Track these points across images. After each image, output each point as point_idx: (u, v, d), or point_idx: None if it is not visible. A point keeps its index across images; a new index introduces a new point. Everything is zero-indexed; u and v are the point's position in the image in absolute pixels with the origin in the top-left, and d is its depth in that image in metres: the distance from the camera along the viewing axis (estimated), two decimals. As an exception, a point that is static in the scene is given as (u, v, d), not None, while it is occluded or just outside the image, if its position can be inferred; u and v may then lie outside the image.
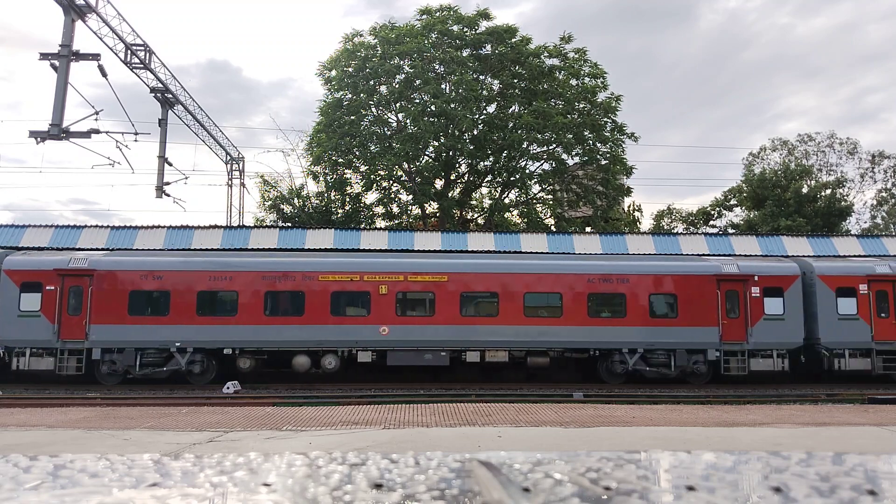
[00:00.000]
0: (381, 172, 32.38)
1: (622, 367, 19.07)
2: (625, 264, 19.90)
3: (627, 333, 19.08)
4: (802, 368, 19.96)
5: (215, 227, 24.22)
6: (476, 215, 35.82)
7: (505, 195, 34.44)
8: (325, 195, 33.89)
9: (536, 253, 22.50)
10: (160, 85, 25.82)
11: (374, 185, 33.10)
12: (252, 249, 22.28)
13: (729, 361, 19.12)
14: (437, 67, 31.46)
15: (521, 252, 22.85)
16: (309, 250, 22.11)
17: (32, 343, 18.18)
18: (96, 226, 23.73)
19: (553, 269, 19.52)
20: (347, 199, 33.78)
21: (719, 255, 22.15)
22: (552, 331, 19.06)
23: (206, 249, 21.87)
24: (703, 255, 22.38)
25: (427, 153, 32.27)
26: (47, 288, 18.23)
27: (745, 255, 22.83)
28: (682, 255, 22.74)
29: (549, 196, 34.90)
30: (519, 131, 31.00)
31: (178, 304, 18.42)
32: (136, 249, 21.72)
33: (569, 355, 19.36)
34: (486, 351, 18.94)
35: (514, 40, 31.79)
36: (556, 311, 19.22)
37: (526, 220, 33.60)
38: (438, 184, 32.66)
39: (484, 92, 31.38)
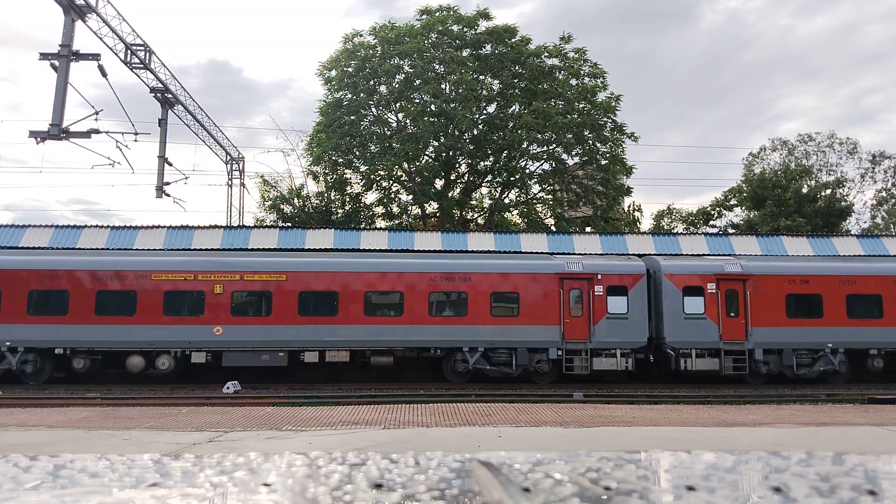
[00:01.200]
0: (381, 172, 32.38)
1: (464, 365, 18.89)
2: (467, 262, 19.74)
3: (468, 332, 18.89)
4: (651, 368, 19.78)
5: (215, 227, 24.22)
6: (476, 215, 35.82)
7: (505, 195, 34.45)
8: (325, 195, 33.89)
9: (378, 251, 22.10)
10: (160, 85, 25.82)
11: (374, 185, 33.12)
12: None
13: (573, 360, 18.93)
14: (436, 67, 31.46)
15: (361, 250, 22.45)
16: (142, 250, 21.54)
17: None
18: (96, 226, 23.73)
19: (394, 268, 19.32)
20: (347, 199, 33.78)
21: (565, 254, 21.70)
22: (393, 330, 18.85)
23: (38, 248, 21.48)
24: (553, 253, 21.92)
25: (427, 153, 32.27)
26: None
27: (592, 254, 22.46)
28: (525, 253, 22.31)
29: (549, 196, 34.89)
30: (519, 131, 31.00)
31: (9, 303, 18.24)
32: None
33: (412, 354, 19.17)
34: (327, 351, 18.75)
35: (513, 40, 31.80)
36: (397, 310, 19.02)
37: (526, 220, 33.60)
38: (438, 184, 32.65)
39: (484, 92, 31.38)
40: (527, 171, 32.72)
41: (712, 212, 43.23)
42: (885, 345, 19.52)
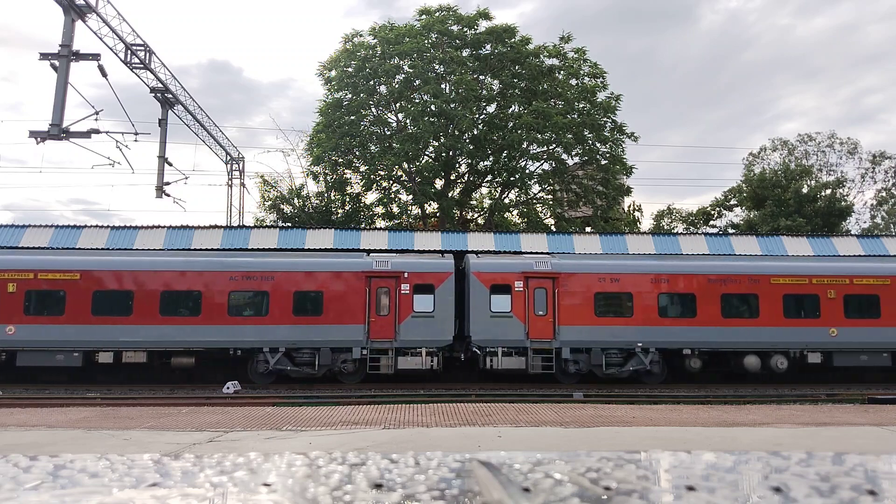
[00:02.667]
0: (381, 172, 32.38)
1: (265, 366, 18.65)
2: (269, 261, 19.40)
3: (269, 332, 18.61)
4: (462, 367, 19.61)
5: (215, 227, 24.21)
6: (476, 215, 35.82)
7: (505, 195, 34.46)
8: (325, 195, 33.89)
9: (179, 249, 21.47)
10: (160, 85, 25.82)
11: (374, 185, 33.12)
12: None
13: (379, 360, 18.74)
14: (436, 67, 31.46)
15: (157, 249, 21.72)
16: None
17: None
18: (96, 226, 23.72)
19: (192, 267, 18.94)
20: (347, 199, 33.78)
21: (377, 251, 21.39)
22: (192, 330, 18.51)
23: None
24: (367, 251, 21.44)
25: (427, 153, 32.27)
26: None
27: (410, 251, 21.90)
28: (332, 250, 21.81)
29: (549, 196, 34.89)
30: (519, 131, 31.00)
31: None
32: None
33: (216, 355, 18.88)
34: (123, 352, 18.46)
35: (513, 40, 31.79)
36: (195, 310, 18.65)
37: (526, 220, 33.60)
38: (438, 184, 32.66)
39: (484, 92, 31.38)
40: (527, 171, 32.73)
41: (712, 212, 43.22)
42: (700, 344, 19.26)
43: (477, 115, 31.60)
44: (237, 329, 18.66)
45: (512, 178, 32.59)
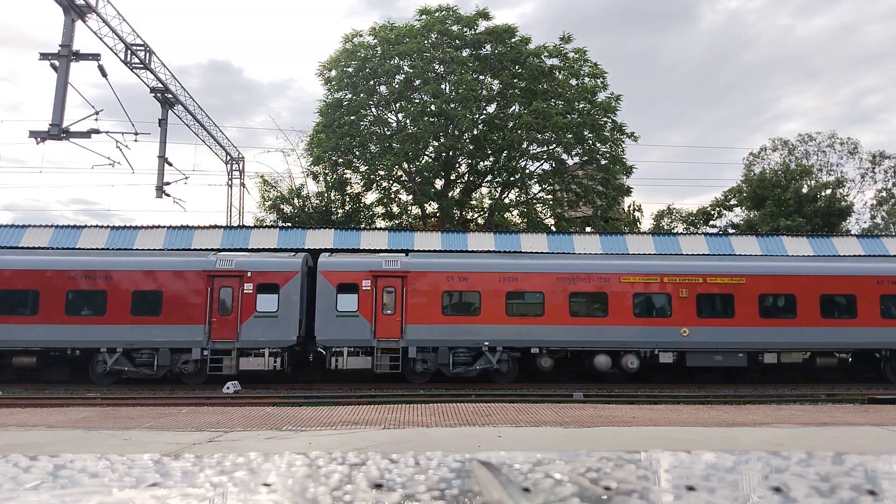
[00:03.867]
0: (381, 172, 32.38)
1: (103, 366, 18.43)
2: (108, 260, 19.08)
3: (106, 332, 18.32)
4: (314, 367, 19.42)
5: (215, 227, 24.21)
6: (476, 215, 35.82)
7: (505, 195, 34.45)
8: (325, 195, 33.89)
9: (14, 248, 21.05)
10: (160, 85, 25.81)
11: (374, 185, 33.11)
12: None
13: (222, 360, 18.54)
14: (436, 67, 31.45)
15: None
16: None
17: None
18: (96, 226, 23.71)
19: (32, 265, 18.67)
20: (347, 199, 33.78)
21: (222, 251, 20.83)
22: (31, 330, 18.24)
23: None
24: (213, 250, 20.88)
25: (427, 153, 32.27)
26: None
27: (259, 249, 21.49)
28: (173, 250, 21.35)
29: (549, 196, 34.89)
30: (519, 131, 30.99)
31: None
32: None
33: (55, 354, 18.66)
34: None
35: (513, 40, 31.79)
36: (34, 309, 18.40)
37: (526, 220, 33.59)
38: (438, 184, 32.65)
39: (484, 92, 31.37)
40: (527, 171, 32.72)
41: (712, 212, 43.21)
42: (547, 343, 19.10)
43: (477, 115, 31.59)
44: (75, 329, 18.37)
45: (512, 178, 32.59)
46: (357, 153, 32.19)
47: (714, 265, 20.15)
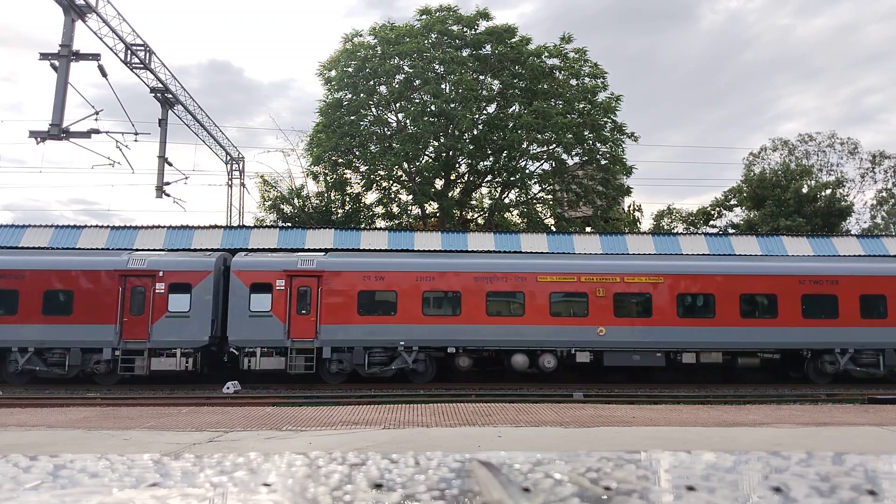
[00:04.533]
0: (381, 172, 32.38)
1: (15, 366, 18.36)
2: (19, 259, 18.90)
3: (18, 331, 18.23)
4: (230, 367, 19.24)
5: (215, 227, 24.21)
6: (476, 215, 35.81)
7: (505, 195, 34.45)
8: (325, 195, 33.89)
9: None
10: (160, 85, 25.81)
11: (374, 185, 33.11)
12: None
13: (134, 361, 18.42)
14: (436, 67, 31.45)
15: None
16: None
17: None
18: (96, 226, 23.72)
19: None
20: (347, 199, 33.78)
21: (135, 250, 20.63)
22: None
23: None
24: (129, 249, 20.76)
25: (427, 153, 32.26)
26: None
27: (177, 249, 21.22)
28: (87, 249, 21.10)
29: (549, 196, 34.89)
30: (519, 131, 30.99)
31: None
32: None
33: None
34: None
35: (513, 40, 31.79)
36: None
37: (526, 220, 33.59)
38: (438, 184, 32.65)
39: (484, 92, 31.37)
40: (527, 171, 32.71)
41: (712, 212, 43.20)
42: (464, 343, 18.95)
43: (477, 115, 31.58)
44: None
45: (512, 178, 32.58)
46: (357, 153, 32.19)
47: (632, 264, 20.03)
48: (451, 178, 33.53)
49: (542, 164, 32.96)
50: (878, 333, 19.42)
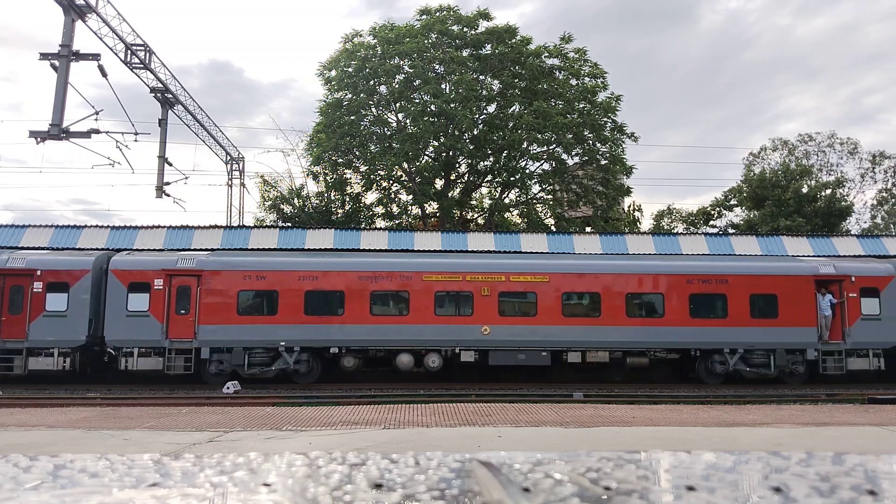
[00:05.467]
0: (381, 172, 32.38)
1: None
2: None
3: None
4: (107, 367, 19.15)
5: (215, 227, 24.21)
6: (476, 215, 35.81)
7: (505, 195, 34.45)
8: (325, 195, 33.89)
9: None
10: (160, 85, 25.81)
11: (374, 185, 33.11)
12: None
13: (13, 360, 18.30)
14: (436, 67, 31.46)
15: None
16: None
17: None
18: (96, 226, 23.72)
19: None
20: (347, 199, 33.78)
21: (13, 248, 20.41)
22: None
23: None
24: (9, 247, 20.46)
25: (427, 153, 32.27)
26: None
27: (61, 249, 21.03)
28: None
29: (549, 196, 34.89)
30: (519, 131, 30.99)
31: None
32: None
33: None
34: None
35: (513, 40, 31.80)
36: None
37: (526, 220, 33.59)
38: (438, 184, 32.65)
39: (484, 92, 31.37)
40: (527, 171, 32.71)
41: (712, 212, 43.22)
42: (347, 343, 18.81)
43: (477, 115, 31.59)
44: None
45: (512, 178, 32.58)
46: (357, 153, 32.19)
47: (517, 263, 19.86)
48: (451, 178, 33.53)
49: (542, 164, 32.98)
50: (768, 333, 19.24)
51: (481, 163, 32.74)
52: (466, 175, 34.10)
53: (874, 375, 20.01)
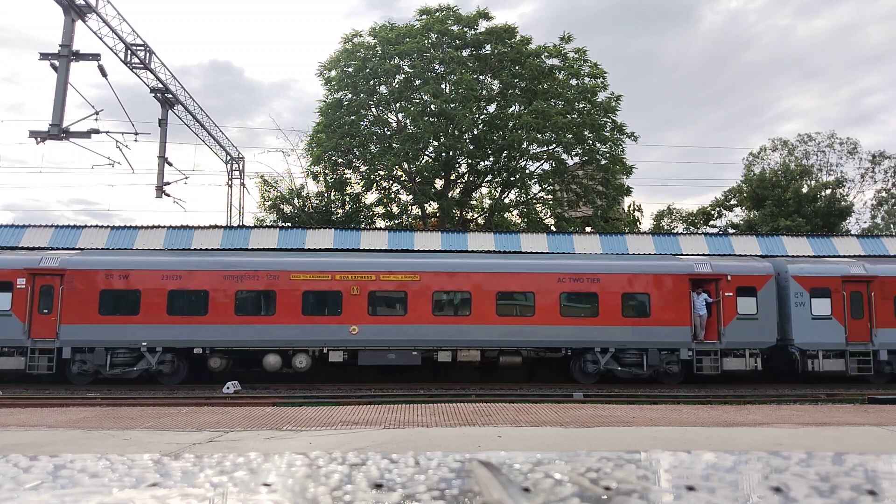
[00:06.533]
0: (381, 172, 32.37)
1: None
2: None
3: None
4: None
5: (215, 227, 24.20)
6: (476, 215, 35.81)
7: (505, 195, 34.44)
8: (325, 195, 33.88)
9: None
10: (160, 85, 25.80)
11: (374, 185, 33.10)
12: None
13: None
14: (436, 67, 31.46)
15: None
16: None
17: None
18: (96, 226, 23.71)
19: None
20: (347, 199, 33.78)
21: None
22: None
23: None
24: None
25: (427, 153, 32.27)
26: None
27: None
28: None
29: (549, 196, 34.89)
30: (519, 131, 30.99)
31: None
32: None
33: None
34: None
35: (513, 40, 31.79)
36: None
37: (526, 220, 33.59)
38: (438, 184, 32.65)
39: (484, 92, 31.37)
40: (527, 171, 32.71)
41: (712, 212, 43.22)
42: (210, 343, 18.66)
43: (477, 115, 31.58)
44: None
45: (512, 178, 32.58)
46: (357, 153, 32.18)
47: (387, 262, 19.71)
48: (451, 178, 33.53)
49: (542, 164, 32.97)
50: (640, 333, 19.15)
51: (481, 163, 32.73)
52: (466, 175, 34.10)
53: (750, 376, 19.79)
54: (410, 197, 32.83)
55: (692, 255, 22.22)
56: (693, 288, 19.47)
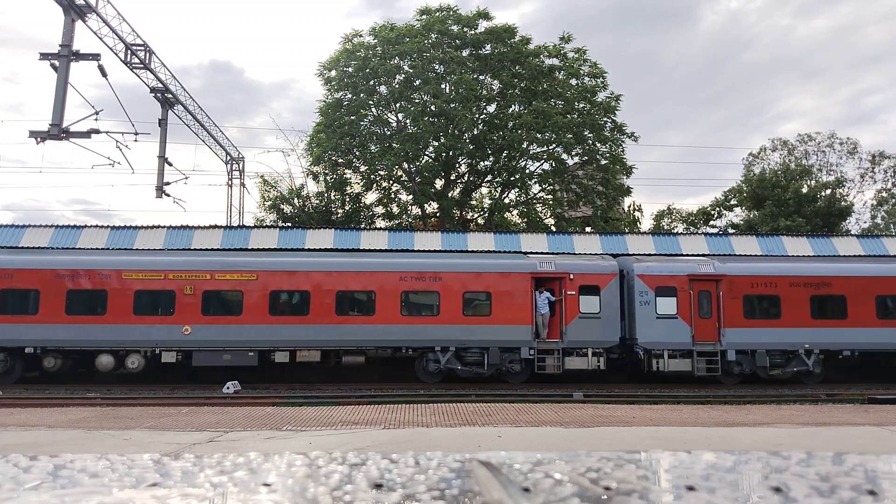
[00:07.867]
0: (381, 172, 32.39)
1: None
2: None
3: None
4: None
5: (215, 227, 24.20)
6: (476, 215, 35.82)
7: (505, 195, 34.45)
8: (325, 195, 33.89)
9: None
10: (160, 85, 25.81)
11: (374, 185, 33.11)
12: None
13: None
14: (436, 67, 31.46)
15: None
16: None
17: None
18: (96, 226, 23.72)
19: None
20: (347, 199, 33.78)
21: None
22: None
23: None
24: None
25: (427, 153, 32.27)
26: None
27: None
28: None
29: (549, 196, 34.90)
30: (519, 131, 31.00)
31: None
32: None
33: None
34: None
35: (513, 40, 31.81)
36: None
37: (526, 220, 33.60)
38: (438, 184, 32.66)
39: (484, 92, 31.38)
40: (527, 171, 32.72)
41: (712, 212, 43.21)
42: (43, 343, 18.44)
43: (477, 115, 31.59)
44: None
45: (512, 178, 32.59)
46: (357, 153, 32.19)
47: (222, 260, 19.42)
48: (451, 178, 33.54)
49: (542, 164, 33.00)
50: (481, 331, 19.01)
51: (481, 163, 32.74)
52: (466, 175, 34.11)
53: (592, 375, 19.61)
54: (410, 197, 32.84)
55: (538, 253, 21.82)
56: (537, 287, 19.34)
